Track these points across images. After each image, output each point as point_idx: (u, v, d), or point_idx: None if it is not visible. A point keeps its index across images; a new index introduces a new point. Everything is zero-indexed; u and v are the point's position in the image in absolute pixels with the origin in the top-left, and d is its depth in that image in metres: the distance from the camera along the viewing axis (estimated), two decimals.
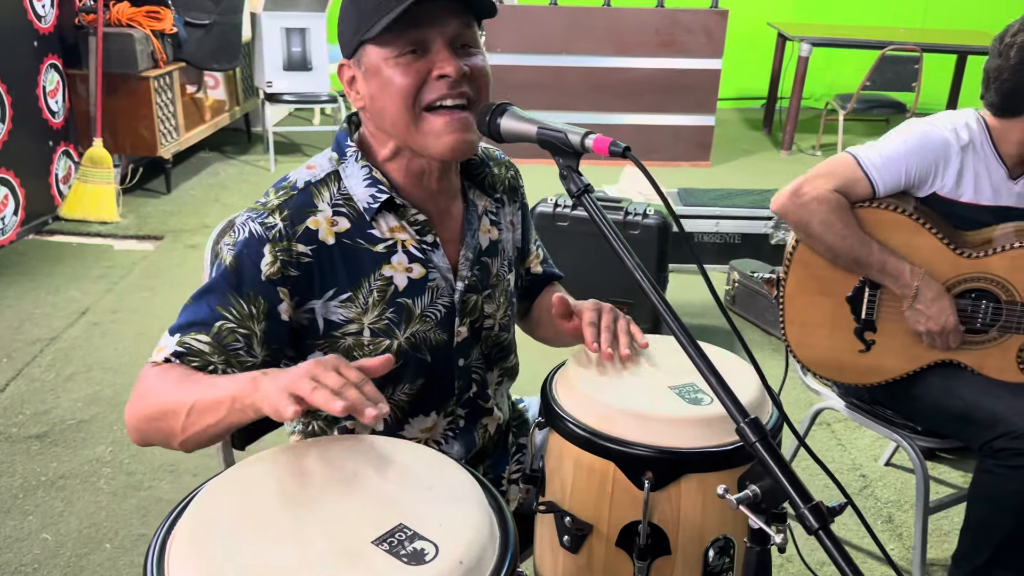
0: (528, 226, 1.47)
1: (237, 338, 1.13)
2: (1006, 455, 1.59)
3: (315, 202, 1.19)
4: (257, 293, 1.14)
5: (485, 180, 1.35)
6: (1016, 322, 1.65)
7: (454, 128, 1.14)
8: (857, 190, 1.70)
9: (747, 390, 1.15)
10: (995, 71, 1.68)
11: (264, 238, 1.14)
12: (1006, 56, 1.67)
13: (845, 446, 2.53)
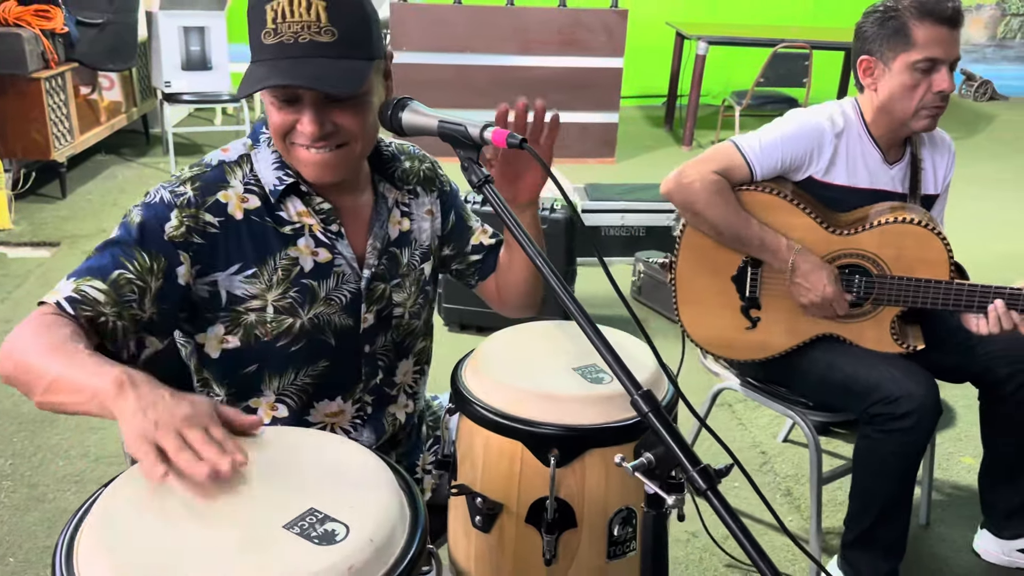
0: (459, 208, 1.48)
1: (133, 289, 1.15)
2: (882, 420, 1.72)
3: (228, 178, 1.24)
4: (159, 251, 1.17)
5: (395, 173, 1.38)
6: (888, 294, 1.77)
7: (317, 165, 1.20)
8: (737, 174, 1.80)
9: (644, 369, 1.22)
10: (853, 53, 1.86)
11: (172, 204, 1.19)
12: (857, 37, 1.83)
13: (746, 425, 2.65)
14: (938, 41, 1.70)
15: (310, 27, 1.11)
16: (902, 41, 1.73)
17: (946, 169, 1.95)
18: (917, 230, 1.76)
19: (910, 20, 1.72)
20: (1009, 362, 1.86)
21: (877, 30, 1.79)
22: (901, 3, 1.75)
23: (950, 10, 1.70)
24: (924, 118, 1.77)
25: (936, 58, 1.71)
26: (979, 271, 4.09)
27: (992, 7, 7.56)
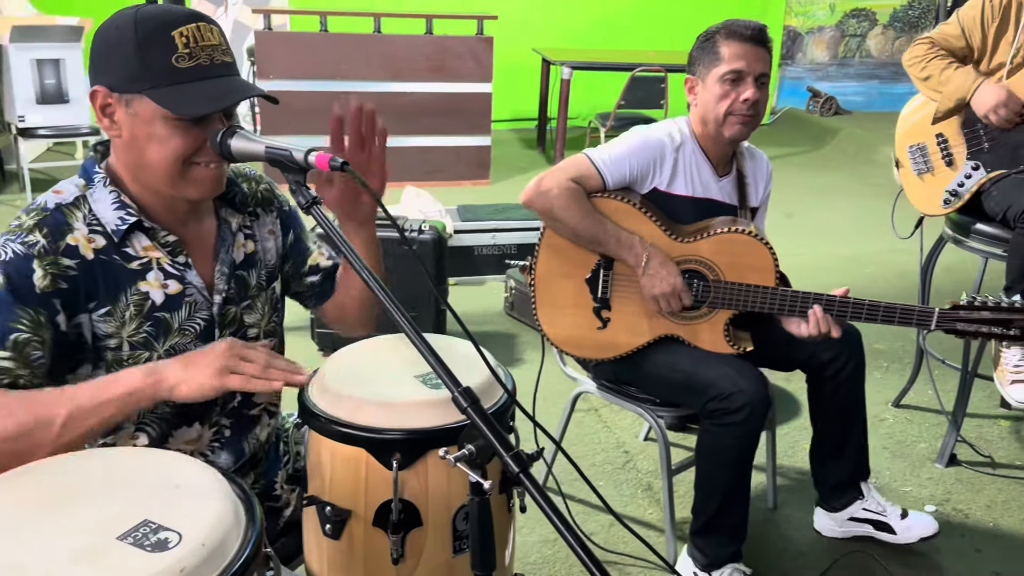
0: (297, 227, 1.53)
1: (35, 346, 1.17)
2: (718, 415, 1.87)
3: (70, 220, 1.24)
4: (37, 305, 1.17)
5: (236, 198, 1.42)
6: (722, 298, 1.93)
7: (214, 180, 1.26)
8: (590, 183, 1.94)
9: (477, 375, 1.28)
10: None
11: (30, 255, 1.18)
12: (687, 61, 2.02)
13: (610, 427, 2.79)
14: (742, 56, 1.90)
15: (218, 49, 1.21)
16: (714, 59, 1.92)
17: (765, 184, 2.15)
18: (749, 240, 1.92)
19: (720, 40, 1.92)
20: (830, 346, 2.06)
21: (698, 53, 1.98)
22: (716, 28, 1.95)
23: (752, 30, 1.92)
24: (734, 124, 1.95)
25: (741, 70, 1.90)
26: (827, 274, 4.44)
27: (832, 29, 8.19)
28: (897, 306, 1.85)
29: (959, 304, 1.83)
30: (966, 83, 2.42)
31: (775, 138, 7.48)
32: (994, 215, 2.43)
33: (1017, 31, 2.40)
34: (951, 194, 2.53)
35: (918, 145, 2.60)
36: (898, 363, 3.25)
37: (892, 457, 2.65)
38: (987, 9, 2.44)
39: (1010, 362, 2.48)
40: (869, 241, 4.70)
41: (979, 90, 2.40)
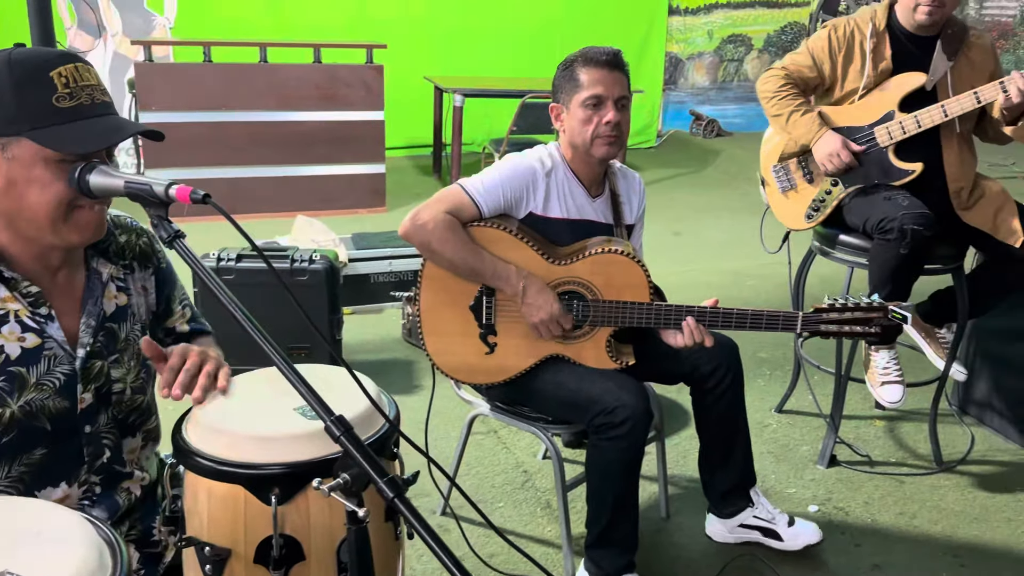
0: (169, 287, 1.50)
1: None
2: (604, 429, 1.92)
3: None
4: None
5: (110, 248, 1.38)
6: (601, 316, 2.00)
7: (97, 223, 1.24)
8: (466, 213, 1.97)
9: (359, 404, 1.28)
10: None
11: None
12: (551, 89, 2.10)
13: (509, 448, 2.81)
14: (600, 81, 1.98)
15: (97, 89, 1.20)
16: (575, 85, 2.00)
17: (639, 202, 2.23)
18: (622, 259, 1.99)
19: (578, 68, 2.00)
20: (710, 359, 2.15)
21: (560, 81, 2.05)
22: (574, 56, 2.03)
23: (608, 56, 2.00)
24: (601, 146, 2.02)
25: (601, 95, 1.98)
26: (712, 288, 4.60)
27: (711, 54, 8.56)
28: (764, 312, 1.96)
29: (821, 307, 1.94)
30: (809, 132, 2.59)
31: (662, 160, 7.74)
32: (855, 227, 2.59)
33: (864, 61, 2.58)
34: (813, 209, 2.69)
35: (782, 165, 2.75)
36: (780, 371, 3.40)
37: (776, 461, 2.77)
38: (834, 40, 2.61)
39: (879, 365, 2.64)
40: (750, 256, 4.90)
41: (820, 140, 2.57)
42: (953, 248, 2.59)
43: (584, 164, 2.08)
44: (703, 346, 1.97)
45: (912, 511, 2.51)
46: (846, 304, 1.93)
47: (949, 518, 2.48)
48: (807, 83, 2.66)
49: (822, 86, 2.68)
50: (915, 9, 2.48)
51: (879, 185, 2.58)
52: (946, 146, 2.56)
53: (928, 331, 2.77)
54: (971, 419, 3.05)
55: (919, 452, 2.84)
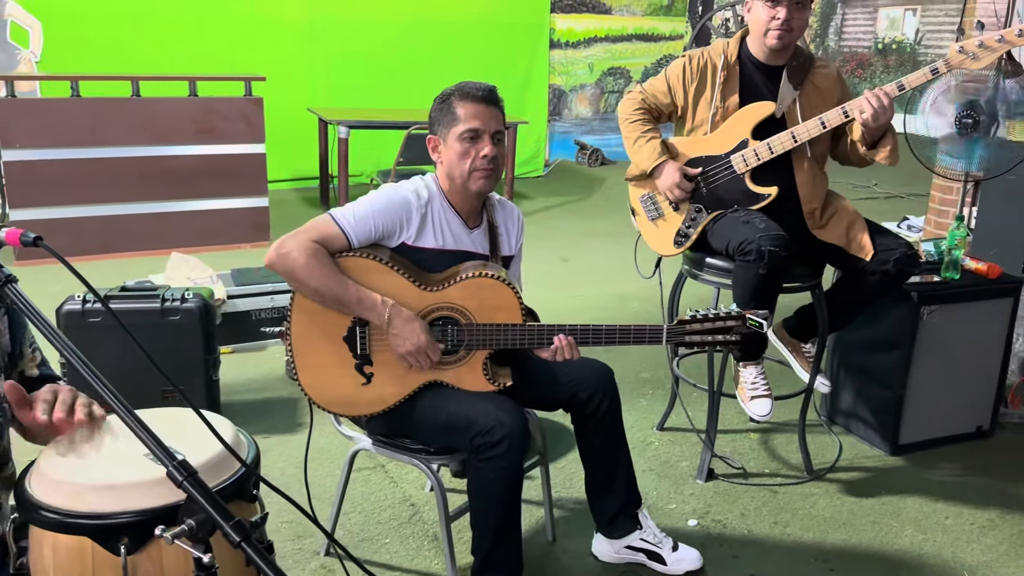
0: (17, 330, 1.43)
1: None
2: (483, 449, 1.93)
3: None
4: None
5: None
6: (476, 340, 2.02)
7: None
8: (335, 243, 1.96)
9: (214, 447, 1.25)
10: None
11: None
12: (428, 122, 2.14)
13: (396, 482, 2.78)
14: (477, 115, 2.02)
15: None
16: (452, 119, 2.03)
17: (517, 234, 2.27)
18: (493, 282, 2.02)
19: (455, 102, 2.03)
20: (587, 387, 2.20)
21: (437, 114, 2.08)
22: (451, 90, 2.06)
23: (483, 91, 2.05)
24: (479, 179, 2.06)
25: (477, 129, 2.02)
26: (599, 312, 4.70)
27: (593, 86, 8.84)
28: (631, 327, 2.02)
29: (684, 319, 2.03)
30: (649, 160, 2.71)
31: (550, 188, 7.90)
32: (719, 250, 2.71)
33: (713, 92, 2.72)
34: (681, 235, 2.80)
35: (648, 195, 2.86)
36: (661, 390, 3.51)
37: (658, 477, 2.85)
38: (688, 70, 2.75)
39: (747, 380, 2.75)
40: (634, 279, 5.02)
41: (660, 168, 2.70)
42: (810, 266, 2.74)
43: (461, 196, 2.10)
44: (573, 361, 2.03)
45: (786, 520, 2.62)
46: (706, 315, 2.02)
47: (820, 524, 2.60)
48: (661, 109, 2.78)
49: (676, 113, 2.81)
50: (766, 35, 2.62)
51: (739, 209, 2.71)
52: (798, 170, 2.72)
53: (794, 345, 2.91)
54: (839, 428, 3.21)
55: (791, 462, 2.97)
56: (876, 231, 2.70)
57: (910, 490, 2.80)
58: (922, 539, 2.54)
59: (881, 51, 8.25)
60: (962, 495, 2.78)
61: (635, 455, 2.95)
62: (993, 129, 3.85)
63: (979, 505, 2.72)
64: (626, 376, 3.66)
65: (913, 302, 2.85)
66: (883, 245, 2.64)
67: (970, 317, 2.96)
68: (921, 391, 2.96)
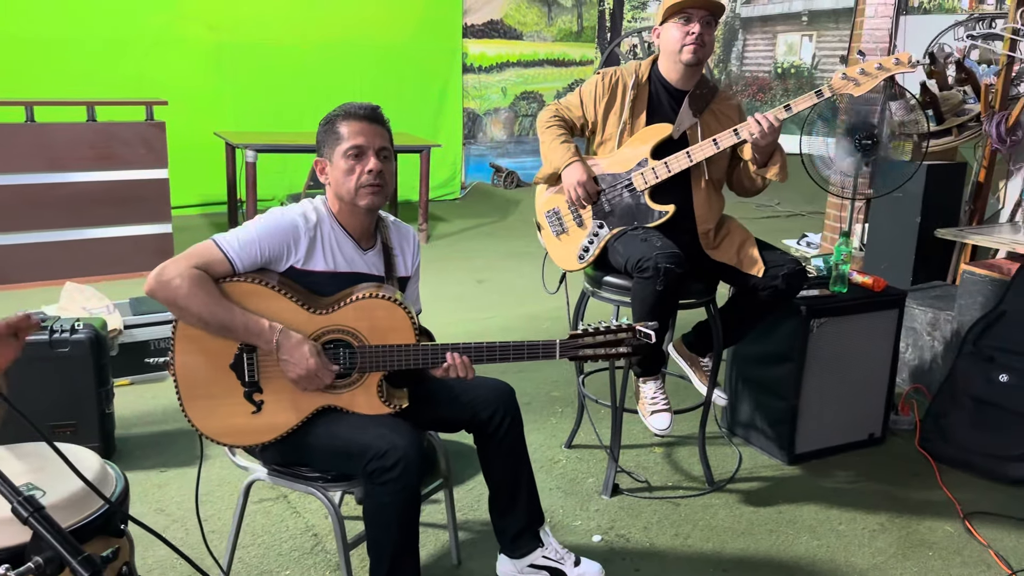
0: None
1: None
2: (378, 474, 1.91)
3: None
4: None
5: None
6: (369, 362, 2.00)
7: None
8: (219, 268, 1.92)
9: (76, 483, 1.19)
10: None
11: None
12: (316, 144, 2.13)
13: (299, 512, 2.72)
14: (360, 133, 2.03)
15: None
16: (336, 139, 2.03)
17: (413, 255, 2.27)
18: (385, 303, 2.01)
19: (339, 122, 2.05)
20: (488, 405, 2.20)
21: (323, 136, 2.07)
22: (335, 112, 2.07)
23: (366, 110, 2.07)
24: (366, 195, 2.05)
25: (361, 145, 2.03)
26: (512, 332, 4.72)
27: (506, 110, 8.94)
28: (524, 343, 2.04)
29: (576, 333, 2.06)
30: (562, 159, 2.79)
31: (466, 211, 7.94)
32: (618, 267, 2.77)
33: (623, 109, 2.80)
34: (583, 251, 2.85)
35: (553, 210, 2.91)
36: (570, 407, 3.54)
37: (564, 495, 2.87)
38: (599, 86, 2.83)
39: (647, 395, 2.81)
40: (547, 300, 5.10)
41: (568, 167, 2.77)
42: (705, 283, 2.83)
43: (351, 216, 2.09)
44: (474, 380, 2.05)
45: (687, 531, 2.67)
46: (598, 328, 2.06)
47: (719, 535, 2.66)
48: (574, 122, 2.87)
49: (587, 128, 2.88)
50: (680, 51, 2.72)
51: (638, 227, 2.77)
52: (696, 191, 2.81)
53: (693, 360, 2.99)
54: (739, 439, 3.30)
55: (694, 474, 3.04)
56: (765, 248, 2.80)
57: (806, 498, 2.89)
58: (816, 545, 2.62)
59: (780, 75, 8.60)
60: (855, 501, 2.88)
61: (543, 473, 2.99)
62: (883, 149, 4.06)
63: (871, 510, 2.83)
64: (537, 395, 3.68)
65: (802, 316, 2.96)
66: (772, 262, 2.74)
67: (858, 329, 3.09)
68: (814, 401, 3.07)
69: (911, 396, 3.67)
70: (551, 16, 8.91)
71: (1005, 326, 3.19)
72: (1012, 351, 3.13)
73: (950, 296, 3.77)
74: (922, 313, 3.75)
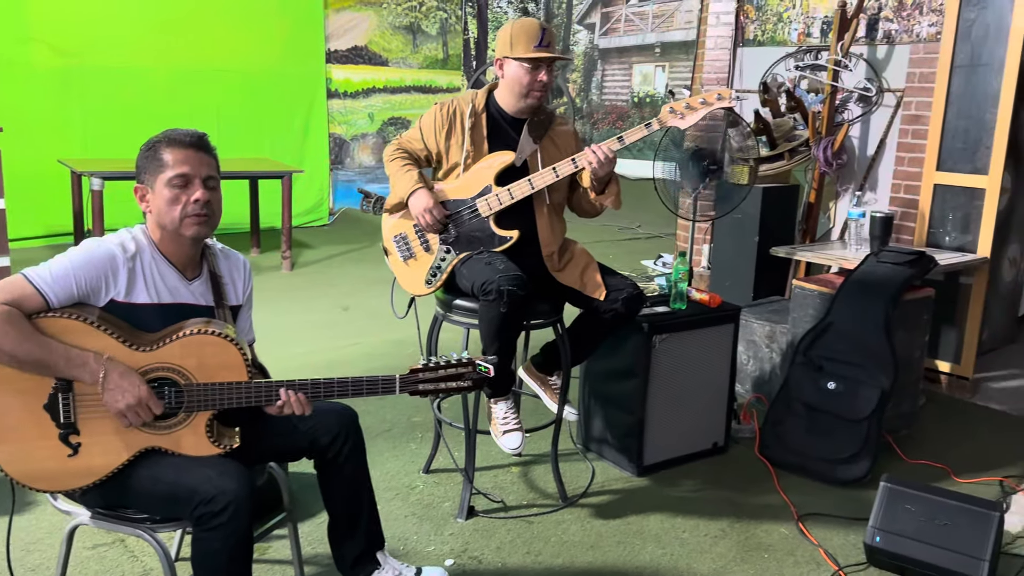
0: None
1: None
2: (205, 519, 1.84)
3: None
4: None
5: None
6: (197, 401, 1.94)
7: None
8: (31, 303, 1.83)
9: None
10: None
11: None
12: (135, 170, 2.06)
13: (137, 556, 2.60)
14: (185, 161, 1.98)
15: None
16: (159, 166, 1.98)
17: (244, 282, 2.22)
18: (215, 339, 1.95)
19: (162, 148, 1.99)
20: (328, 431, 2.17)
21: (144, 162, 2.01)
22: (158, 137, 2.02)
23: (192, 137, 2.02)
24: (192, 225, 1.99)
25: (187, 174, 1.98)
26: (378, 359, 4.68)
27: (374, 135, 8.92)
28: (363, 379, 2.03)
29: (417, 368, 2.06)
30: (406, 188, 2.82)
31: (335, 237, 7.84)
32: (466, 291, 2.81)
33: (463, 138, 2.86)
34: (431, 275, 2.88)
35: (401, 235, 2.93)
36: (431, 432, 3.54)
37: (420, 521, 2.86)
38: (438, 117, 2.88)
39: (498, 415, 2.85)
40: (413, 325, 5.11)
41: (414, 194, 2.80)
42: (552, 304, 2.90)
43: (175, 245, 2.03)
44: (304, 415, 2.01)
45: (538, 549, 2.72)
46: (438, 363, 2.07)
47: (570, 549, 2.72)
48: (417, 154, 2.90)
49: (431, 159, 2.92)
50: (527, 96, 2.83)
51: (484, 252, 2.83)
52: (539, 216, 2.89)
53: (542, 379, 3.06)
54: (593, 454, 3.39)
55: (548, 491, 3.09)
56: (607, 273, 2.92)
57: (653, 508, 3.00)
58: (661, 554, 2.72)
59: (637, 104, 8.97)
60: (698, 509, 3.01)
61: (399, 500, 2.98)
62: (724, 173, 4.31)
63: (713, 517, 2.96)
64: (398, 421, 3.66)
65: (645, 333, 3.08)
66: (613, 286, 2.85)
67: (698, 343, 3.25)
68: (660, 414, 3.20)
69: (752, 405, 3.88)
70: (416, 43, 8.98)
71: (832, 336, 3.42)
72: (838, 360, 3.36)
73: (785, 310, 4.02)
74: (760, 327, 3.98)
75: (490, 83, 2.97)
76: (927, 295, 3.70)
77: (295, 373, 2.03)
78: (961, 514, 2.50)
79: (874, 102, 4.58)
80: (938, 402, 4.17)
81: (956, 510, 2.52)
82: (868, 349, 3.31)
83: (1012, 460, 3.47)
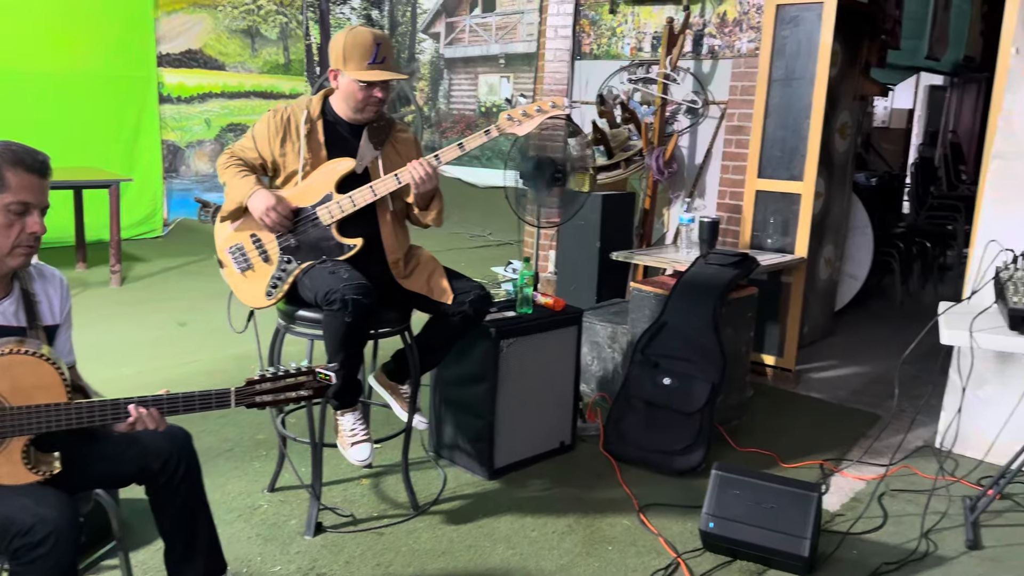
0: None
1: None
2: (23, 552, 1.71)
3: None
4: None
5: None
6: (11, 426, 1.79)
7: None
8: None
9: None
10: None
11: None
12: None
13: None
14: (30, 187, 1.85)
15: None
16: None
17: (61, 300, 2.07)
18: (28, 359, 1.81)
19: (5, 168, 1.83)
20: (159, 454, 2.06)
21: None
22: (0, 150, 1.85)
23: (41, 163, 1.89)
24: (19, 256, 1.88)
25: (28, 202, 1.85)
26: (220, 375, 4.49)
27: (212, 142, 8.54)
28: (195, 394, 1.94)
29: (253, 379, 2.00)
30: (244, 191, 2.73)
31: (170, 249, 7.45)
32: (310, 301, 2.74)
33: (300, 144, 2.80)
34: (272, 287, 2.79)
35: (237, 246, 2.82)
36: (276, 449, 3.42)
37: (264, 541, 2.76)
38: (271, 124, 2.80)
39: (346, 427, 2.80)
40: (253, 339, 4.93)
41: (253, 196, 2.72)
42: (399, 312, 2.89)
43: None
44: (141, 432, 1.92)
45: (388, 560, 2.69)
46: (276, 373, 2.01)
47: (420, 558, 2.71)
48: (252, 163, 2.81)
49: (267, 167, 2.83)
50: (364, 110, 2.79)
51: (327, 260, 2.77)
52: (382, 223, 2.86)
53: (392, 388, 3.03)
54: (444, 460, 3.40)
55: (399, 501, 3.07)
56: (454, 277, 2.93)
57: (504, 510, 3.04)
58: (511, 554, 2.76)
59: (484, 113, 9.10)
60: (546, 507, 3.08)
61: (241, 522, 2.86)
62: (567, 181, 4.42)
63: (560, 513, 3.04)
64: (241, 440, 3.52)
65: (493, 337, 3.13)
66: (460, 289, 2.87)
67: (543, 346, 3.33)
68: (509, 416, 3.25)
69: (597, 403, 4.02)
70: (255, 47, 8.69)
71: (666, 335, 3.60)
72: (672, 356, 3.54)
73: (625, 311, 4.20)
74: (603, 328, 4.13)
75: (325, 89, 2.92)
76: (751, 293, 3.97)
77: (125, 395, 1.91)
78: (784, 496, 2.70)
79: (701, 114, 4.87)
80: (765, 393, 4.47)
81: (780, 493, 2.71)
82: (699, 345, 3.51)
83: (831, 445, 3.77)
